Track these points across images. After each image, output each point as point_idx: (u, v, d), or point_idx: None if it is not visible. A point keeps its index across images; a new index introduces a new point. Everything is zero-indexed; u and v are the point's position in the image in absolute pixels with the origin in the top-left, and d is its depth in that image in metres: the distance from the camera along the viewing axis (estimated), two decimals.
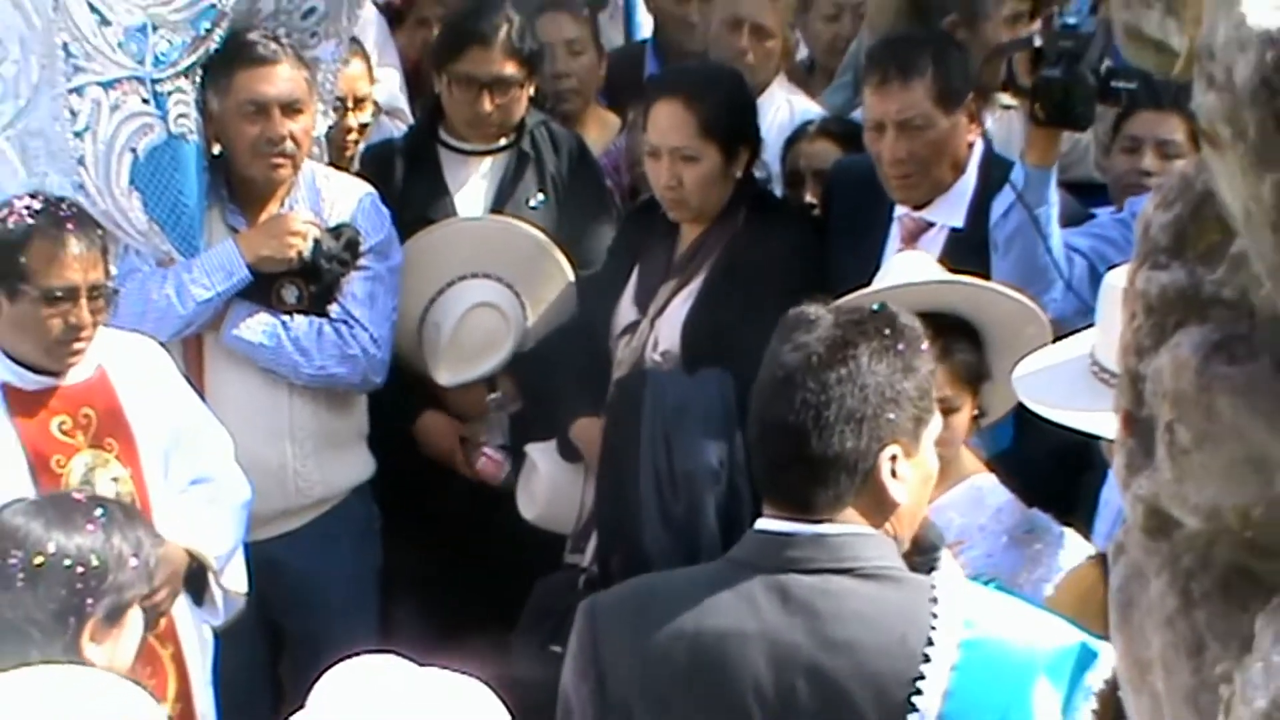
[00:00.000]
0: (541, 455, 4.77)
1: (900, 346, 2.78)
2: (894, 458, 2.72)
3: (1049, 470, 4.01)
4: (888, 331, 2.79)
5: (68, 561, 3.16)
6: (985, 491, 3.72)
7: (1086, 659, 2.74)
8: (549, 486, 4.77)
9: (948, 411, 3.28)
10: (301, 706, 2.75)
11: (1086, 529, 3.79)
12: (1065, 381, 3.42)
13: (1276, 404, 1.19)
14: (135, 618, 3.25)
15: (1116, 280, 3.26)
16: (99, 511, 3.28)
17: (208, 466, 4.36)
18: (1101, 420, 3.12)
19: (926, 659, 2.72)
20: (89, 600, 3.15)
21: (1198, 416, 1.24)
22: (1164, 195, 1.38)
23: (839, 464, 2.72)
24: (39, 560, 3.17)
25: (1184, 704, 1.28)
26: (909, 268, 4.02)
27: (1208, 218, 1.31)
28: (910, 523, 2.87)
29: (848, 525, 2.75)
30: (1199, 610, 1.27)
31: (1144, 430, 1.35)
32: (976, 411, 3.64)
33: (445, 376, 4.99)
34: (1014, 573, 3.62)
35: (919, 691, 2.71)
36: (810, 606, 2.75)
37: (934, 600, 2.77)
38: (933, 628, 2.74)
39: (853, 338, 2.74)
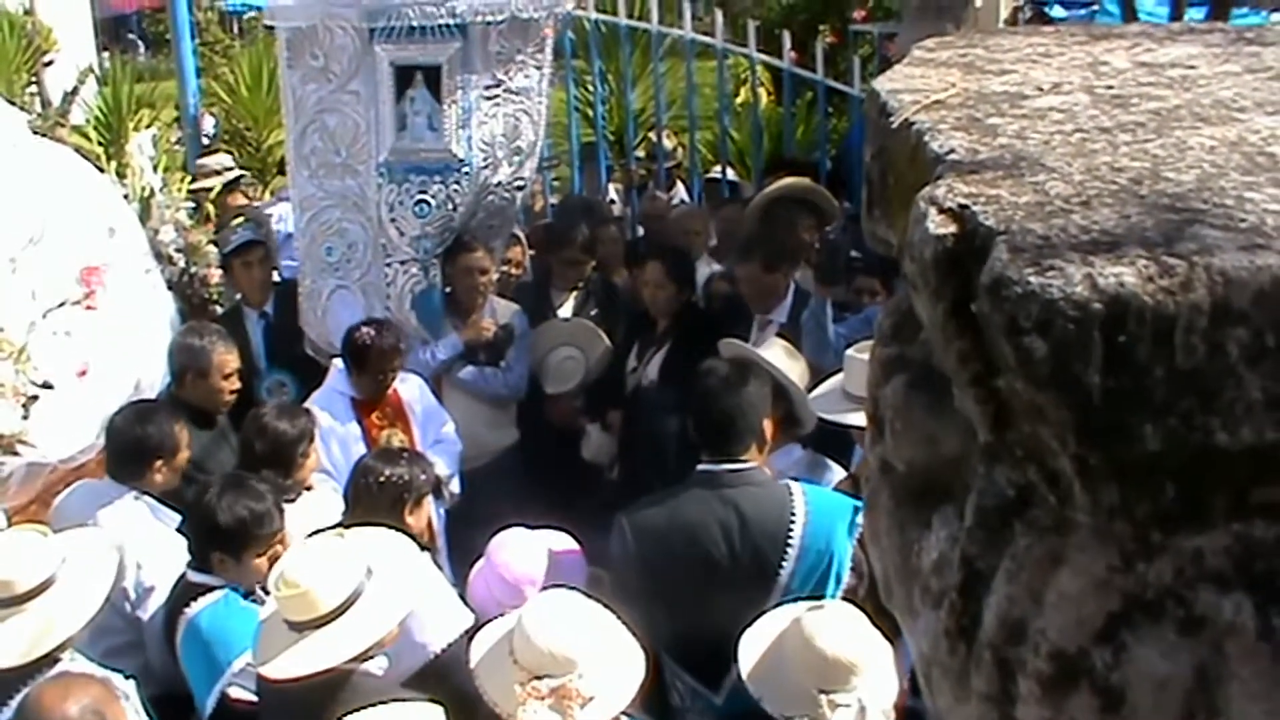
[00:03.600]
0: (594, 430, 5.46)
1: (760, 373, 3.37)
2: (767, 421, 3.21)
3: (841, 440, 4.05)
4: (753, 368, 3.39)
5: (395, 479, 3.51)
6: (792, 449, 3.99)
7: (858, 509, 3.10)
8: (597, 445, 5.45)
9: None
10: (482, 546, 3.49)
11: (849, 465, 3.96)
12: (833, 401, 3.67)
13: (939, 410, 1.19)
14: (428, 503, 3.65)
15: (853, 352, 3.75)
16: (405, 455, 3.71)
17: (442, 434, 4.86)
18: (853, 418, 3.53)
19: (792, 521, 3.08)
20: (404, 495, 3.51)
21: (905, 415, 1.27)
22: (887, 310, 1.39)
23: (749, 430, 3.15)
24: (381, 479, 3.51)
25: (896, 553, 1.28)
26: (771, 350, 4.24)
27: (907, 323, 1.32)
28: (767, 452, 3.29)
29: (747, 463, 3.13)
30: (903, 508, 1.28)
31: (879, 423, 1.34)
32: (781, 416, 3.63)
33: (549, 389, 5.45)
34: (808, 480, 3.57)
35: (790, 536, 3.07)
36: (737, 505, 3.09)
37: (790, 493, 3.15)
38: (792, 504, 3.11)
39: (741, 372, 3.28)
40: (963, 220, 1.09)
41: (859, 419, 3.53)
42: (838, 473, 3.92)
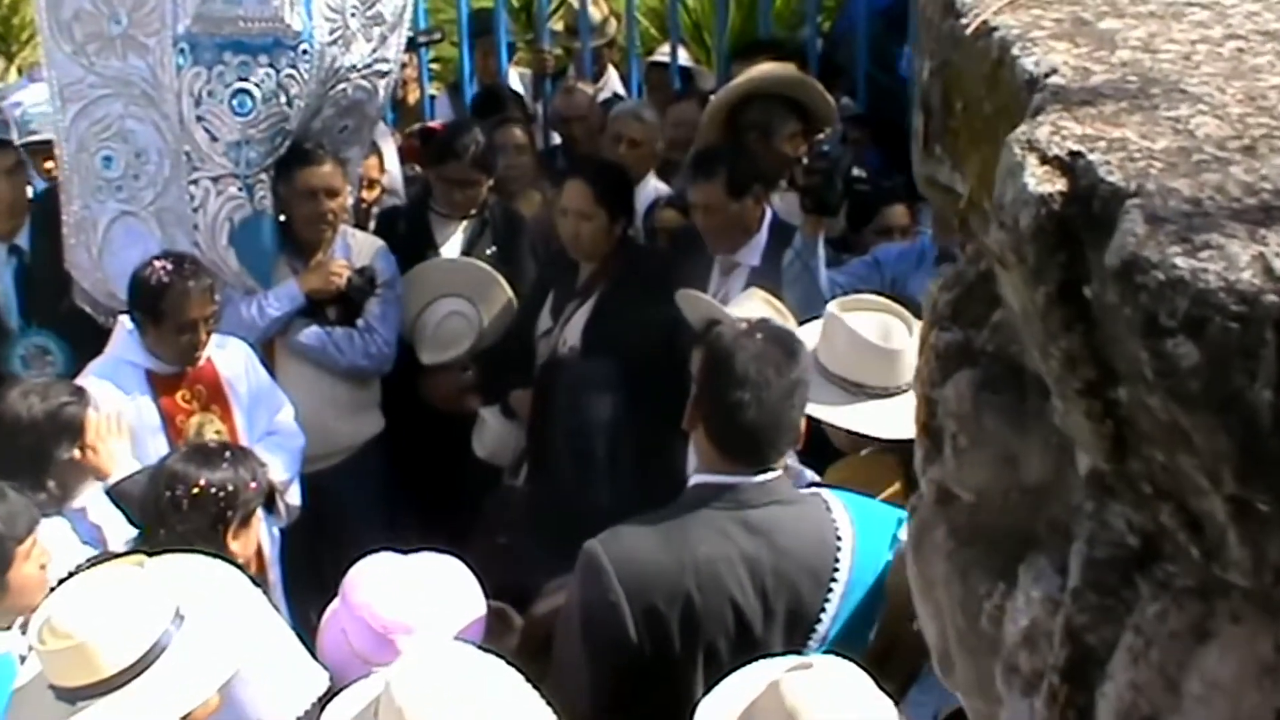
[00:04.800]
0: (490, 415, 5.56)
1: (796, 342, 3.26)
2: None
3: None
4: (790, 337, 3.30)
5: (214, 490, 3.55)
6: None
7: (901, 521, 3.12)
8: (494, 436, 5.56)
9: None
10: (335, 579, 3.41)
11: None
12: (836, 399, 3.71)
13: (1021, 422, 1.27)
14: (257, 522, 3.71)
15: (836, 308, 3.84)
16: (228, 454, 3.70)
17: (276, 423, 5.01)
18: (840, 414, 3.64)
19: (838, 548, 3.12)
20: (227, 511, 3.55)
21: (973, 428, 1.33)
22: (944, 282, 1.44)
23: (791, 433, 3.16)
24: (196, 490, 3.54)
25: (958, 612, 1.34)
26: (745, 304, 4.39)
27: (975, 298, 1.38)
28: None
29: (770, 473, 3.13)
30: (968, 551, 1.35)
31: (935, 435, 1.40)
32: None
33: (426, 358, 5.66)
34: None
35: (837, 568, 3.11)
36: (765, 531, 3.09)
37: (828, 509, 3.17)
38: (835, 525, 3.14)
39: (782, 344, 3.18)
40: (1074, 174, 1.10)
41: (848, 417, 3.61)
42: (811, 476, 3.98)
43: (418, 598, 3.33)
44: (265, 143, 5.18)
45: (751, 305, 4.34)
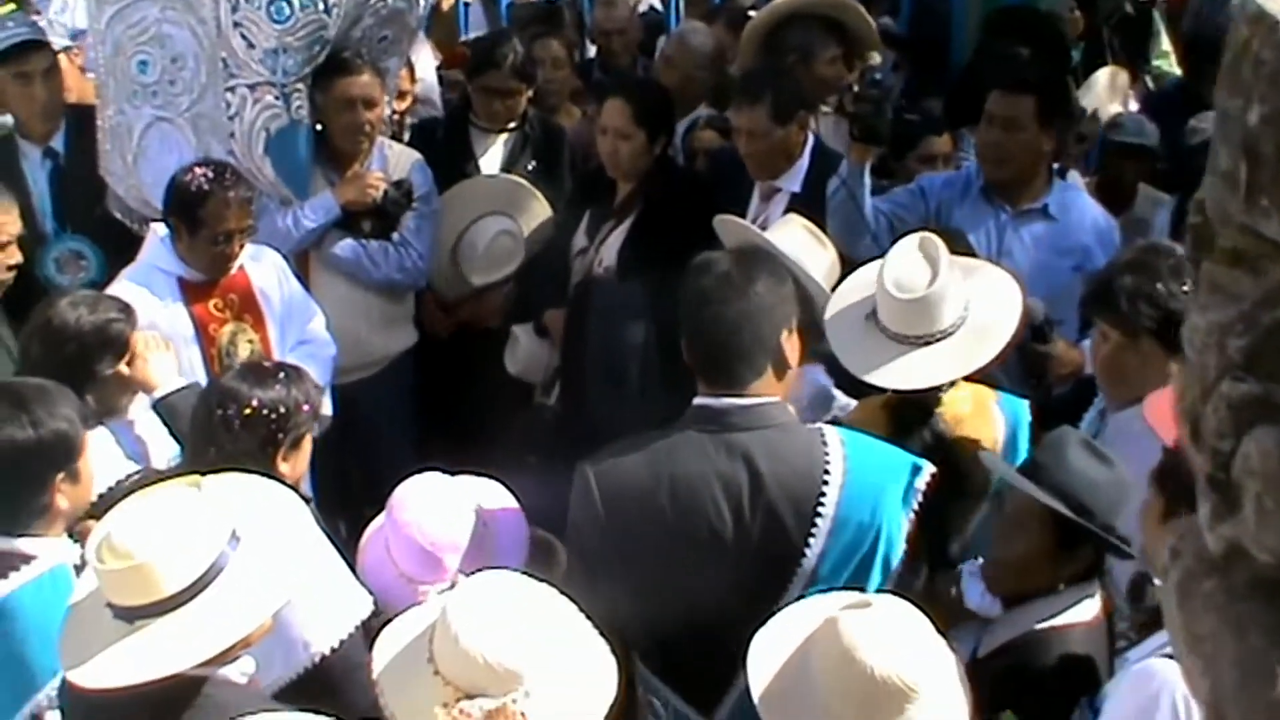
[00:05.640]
0: (522, 332, 5.60)
1: (776, 268, 3.33)
2: (787, 336, 3.20)
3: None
4: (768, 261, 3.37)
5: (268, 410, 3.50)
6: (813, 372, 4.12)
7: (918, 469, 3.20)
8: (527, 354, 5.59)
9: None
10: (376, 499, 3.53)
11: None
12: (863, 345, 3.72)
13: None
14: (307, 444, 3.64)
15: (906, 252, 3.67)
16: (282, 374, 3.63)
17: (308, 331, 5.02)
18: (893, 374, 3.62)
19: (826, 480, 3.11)
20: (279, 433, 3.52)
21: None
22: (1233, 325, 1.40)
23: (759, 347, 3.16)
24: (248, 410, 3.50)
25: (1236, 671, 1.33)
26: (783, 230, 4.39)
27: (1274, 349, 1.35)
28: (791, 380, 3.31)
29: (762, 397, 3.16)
30: (1253, 611, 1.34)
31: (1226, 490, 1.37)
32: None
33: (478, 279, 5.68)
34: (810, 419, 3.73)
35: (822, 501, 3.10)
36: (747, 454, 3.11)
37: (824, 441, 3.19)
38: (826, 457, 3.14)
39: (750, 266, 3.24)
40: None
41: (902, 376, 3.60)
42: (846, 405, 4.08)
43: (465, 518, 3.36)
44: (302, 51, 5.14)
45: (790, 232, 4.34)
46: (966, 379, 3.74)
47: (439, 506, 3.37)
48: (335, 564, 3.31)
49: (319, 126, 5.30)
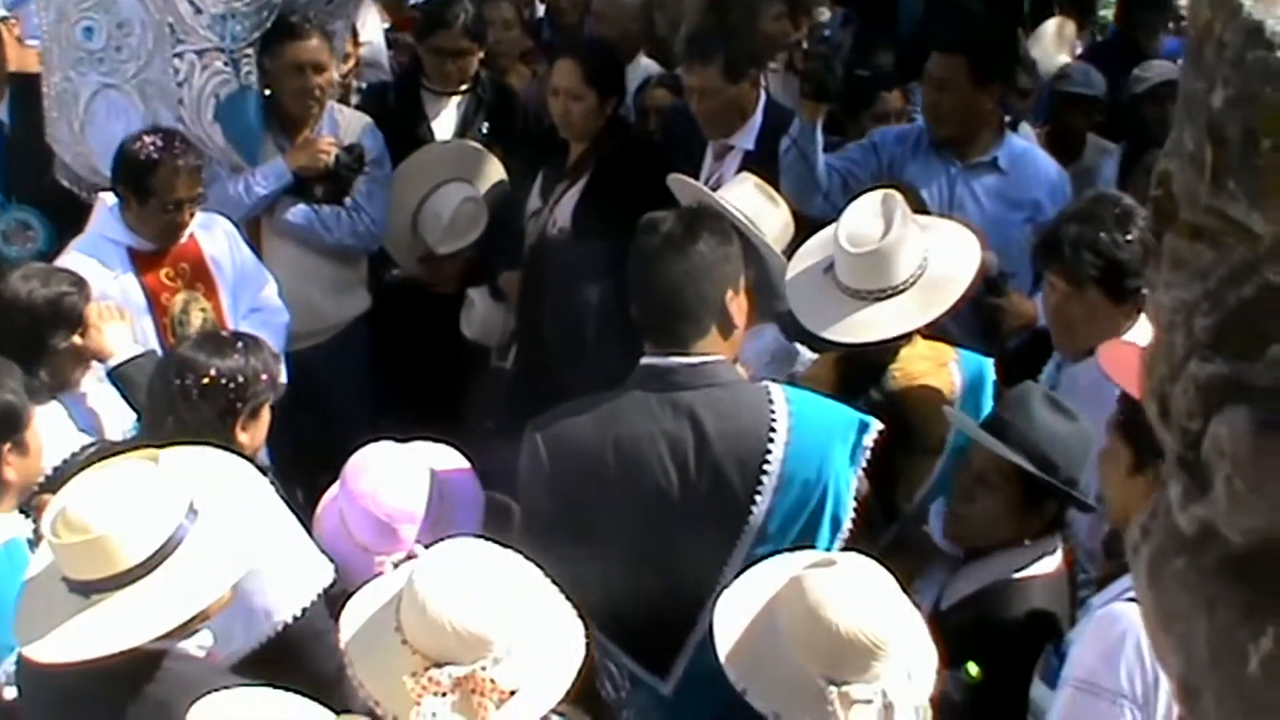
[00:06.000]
0: (478, 295, 5.63)
1: (720, 227, 3.32)
2: (732, 296, 3.22)
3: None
4: (712, 220, 3.36)
5: (225, 380, 3.48)
6: (763, 331, 4.15)
7: (865, 426, 3.20)
8: (482, 317, 5.62)
9: None
10: (332, 466, 3.48)
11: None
12: (821, 302, 3.75)
13: None
14: (265, 414, 3.63)
15: (864, 211, 3.69)
16: (240, 343, 3.61)
17: (261, 299, 5.00)
18: (860, 328, 3.64)
19: (771, 438, 3.12)
20: (239, 404, 3.50)
21: (1252, 472, 1.31)
22: (1202, 302, 1.40)
23: (702, 306, 3.16)
24: (206, 380, 3.46)
25: (1205, 649, 1.35)
26: (736, 189, 4.38)
27: (1242, 328, 1.35)
28: (739, 340, 3.33)
29: (709, 355, 3.17)
30: (1224, 591, 1.35)
31: (1196, 471, 1.38)
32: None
33: (444, 247, 5.66)
34: (771, 377, 3.79)
35: (768, 459, 3.12)
36: (692, 412, 3.14)
37: (769, 399, 3.19)
38: (772, 415, 3.15)
39: (693, 225, 3.25)
40: None
41: (854, 330, 3.62)
42: (809, 359, 4.09)
43: (421, 486, 3.34)
44: (251, 16, 5.12)
45: (743, 190, 4.33)
46: (924, 336, 3.75)
47: (393, 477, 3.34)
48: (295, 532, 3.28)
49: (268, 92, 5.27)
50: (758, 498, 3.10)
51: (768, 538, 3.10)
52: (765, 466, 3.11)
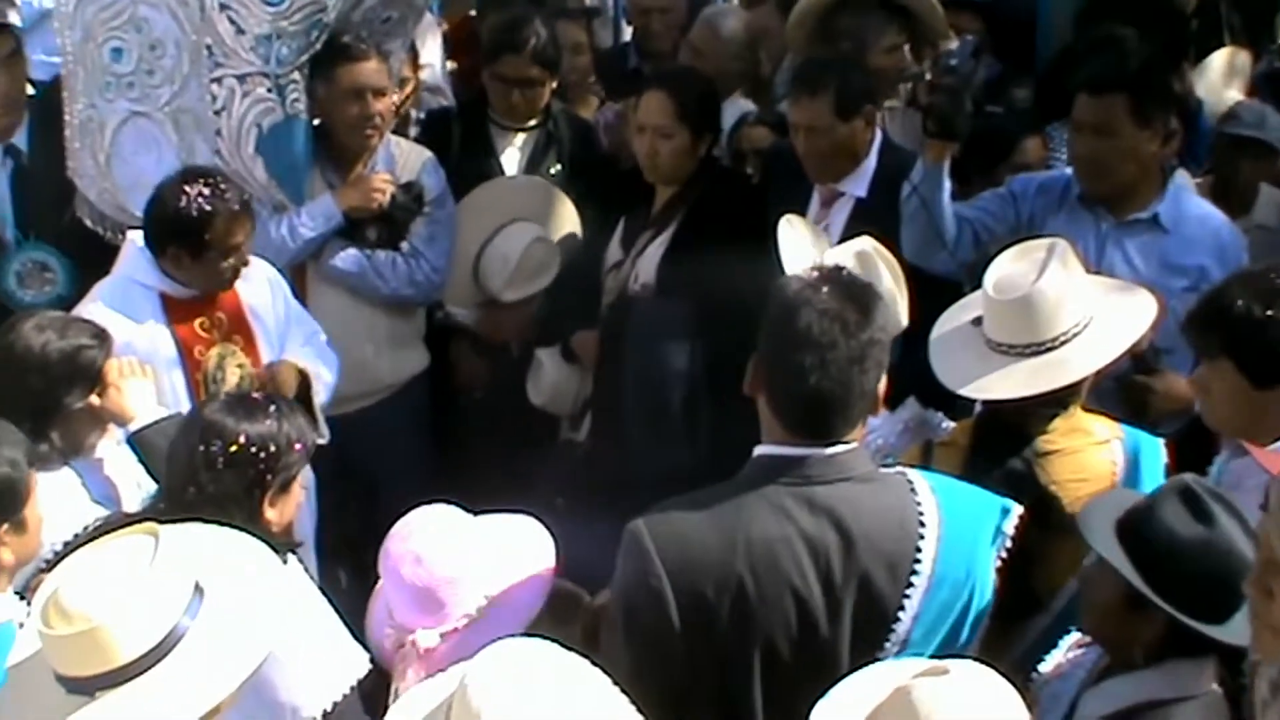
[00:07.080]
0: (548, 357, 5.57)
1: (880, 297, 3.20)
2: (884, 380, 3.12)
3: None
4: (873, 290, 3.19)
5: (255, 447, 3.46)
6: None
7: (1006, 511, 3.16)
8: (552, 381, 5.57)
9: None
10: (367, 534, 3.58)
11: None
12: (964, 358, 3.74)
13: None
14: (297, 488, 3.59)
15: (1012, 261, 3.68)
16: (273, 407, 3.59)
17: (310, 350, 4.94)
18: (994, 384, 3.63)
19: (921, 535, 3.07)
20: (268, 475, 3.47)
21: None
22: None
23: (864, 401, 3.08)
24: (234, 447, 3.45)
25: None
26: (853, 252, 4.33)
27: None
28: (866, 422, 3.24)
29: (843, 445, 3.09)
30: None
31: None
32: None
33: (510, 294, 5.65)
34: (906, 449, 3.99)
35: (919, 559, 3.06)
36: (832, 510, 3.04)
37: (912, 490, 3.13)
38: (919, 509, 3.09)
39: (864, 301, 3.09)
40: None
41: (1019, 382, 3.56)
42: (948, 430, 4.05)
43: (473, 551, 3.28)
44: (299, 36, 5.10)
45: (852, 254, 4.29)
46: (1086, 409, 3.68)
47: (441, 537, 3.26)
48: (326, 619, 3.29)
49: (317, 121, 5.27)
50: (906, 602, 3.04)
51: (911, 644, 3.06)
52: (916, 568, 3.05)
